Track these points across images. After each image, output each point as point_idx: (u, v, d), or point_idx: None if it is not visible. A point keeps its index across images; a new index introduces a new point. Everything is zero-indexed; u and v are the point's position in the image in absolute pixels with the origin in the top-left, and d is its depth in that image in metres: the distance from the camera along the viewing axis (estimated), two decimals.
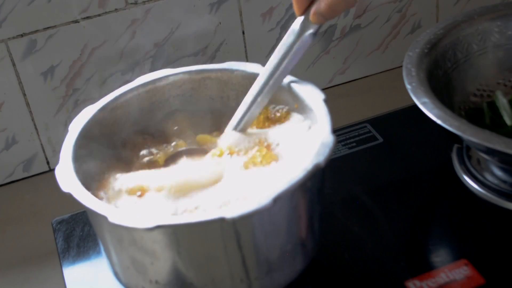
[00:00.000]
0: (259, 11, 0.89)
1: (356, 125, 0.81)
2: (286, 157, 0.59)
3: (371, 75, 1.00)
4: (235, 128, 0.62)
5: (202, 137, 0.64)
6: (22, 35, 0.80)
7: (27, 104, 0.84)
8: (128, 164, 0.62)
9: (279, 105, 0.64)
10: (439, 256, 0.64)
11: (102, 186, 0.59)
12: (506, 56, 0.76)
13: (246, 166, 0.58)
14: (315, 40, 0.59)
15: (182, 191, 0.56)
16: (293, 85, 0.63)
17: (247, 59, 0.92)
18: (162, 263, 0.53)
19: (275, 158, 0.59)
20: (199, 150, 0.63)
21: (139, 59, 0.86)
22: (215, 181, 0.57)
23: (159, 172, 0.60)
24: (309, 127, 0.60)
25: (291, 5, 0.89)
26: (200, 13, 0.86)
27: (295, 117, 0.63)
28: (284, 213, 0.54)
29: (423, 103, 0.64)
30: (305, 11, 0.59)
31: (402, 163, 0.76)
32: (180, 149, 0.63)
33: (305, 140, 0.59)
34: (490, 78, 0.76)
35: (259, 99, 0.61)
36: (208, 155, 0.61)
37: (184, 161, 0.61)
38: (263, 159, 0.58)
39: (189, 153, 0.62)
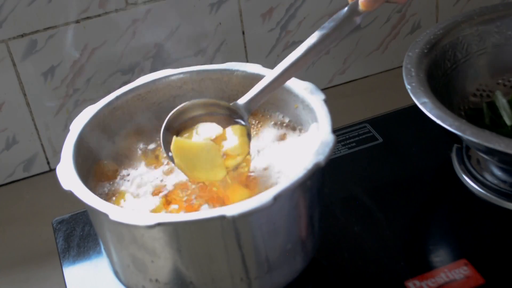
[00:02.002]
0: (259, 11, 0.90)
1: (356, 125, 0.81)
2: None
3: (371, 75, 1.01)
4: (251, 101, 0.60)
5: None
6: (22, 36, 0.80)
7: (28, 104, 0.84)
8: (128, 163, 0.62)
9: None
10: (439, 256, 0.64)
11: (102, 184, 0.59)
12: (505, 56, 0.76)
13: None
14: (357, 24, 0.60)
15: None
16: (293, 85, 0.63)
17: (247, 59, 0.92)
18: (162, 261, 0.54)
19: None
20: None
21: (139, 59, 0.86)
22: None
23: None
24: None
25: (291, 5, 0.90)
26: (200, 13, 0.86)
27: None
28: (284, 212, 0.54)
29: (423, 103, 0.64)
30: None
31: (402, 163, 0.76)
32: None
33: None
34: (490, 78, 0.76)
35: (286, 74, 0.60)
36: None
37: None
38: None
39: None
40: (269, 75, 0.60)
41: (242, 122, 0.60)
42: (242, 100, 0.61)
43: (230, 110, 0.60)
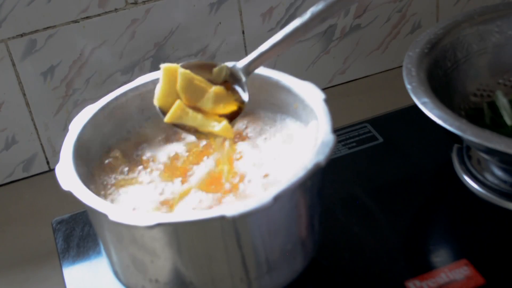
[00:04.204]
0: (259, 11, 0.89)
1: (356, 125, 0.81)
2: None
3: (371, 75, 1.00)
4: (250, 64, 0.60)
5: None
6: (22, 35, 0.80)
7: (27, 104, 0.84)
8: (128, 163, 0.62)
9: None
10: (439, 256, 0.64)
11: (102, 184, 0.59)
12: (506, 56, 0.76)
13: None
14: None
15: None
16: (293, 85, 0.63)
17: None
18: (162, 261, 0.53)
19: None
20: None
21: (139, 59, 0.86)
22: None
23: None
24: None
25: (291, 5, 0.90)
26: (200, 13, 0.86)
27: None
28: (284, 212, 0.54)
29: (423, 103, 0.64)
30: None
31: (402, 163, 0.75)
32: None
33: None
34: (490, 78, 0.76)
35: (288, 40, 0.59)
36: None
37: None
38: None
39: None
40: (271, 39, 0.60)
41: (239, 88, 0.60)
42: (241, 63, 0.61)
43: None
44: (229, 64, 0.61)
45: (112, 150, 0.62)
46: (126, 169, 0.61)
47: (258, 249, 0.54)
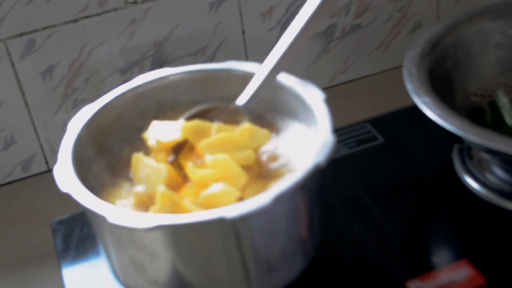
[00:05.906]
0: (259, 10, 0.89)
1: (356, 125, 0.81)
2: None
3: (371, 74, 1.00)
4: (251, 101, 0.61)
5: None
6: (21, 35, 0.80)
7: (26, 104, 0.83)
8: (128, 162, 0.62)
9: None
10: (440, 256, 0.64)
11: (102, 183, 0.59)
12: (507, 56, 0.76)
13: None
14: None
15: None
16: (293, 85, 0.62)
17: (247, 58, 0.91)
18: (161, 263, 0.53)
19: None
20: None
21: (138, 58, 0.86)
22: None
23: None
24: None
25: (291, 4, 0.90)
26: (199, 12, 0.86)
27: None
28: (285, 213, 0.54)
29: (424, 103, 0.64)
30: None
31: (403, 163, 0.75)
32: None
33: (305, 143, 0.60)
34: (491, 78, 0.76)
35: (279, 66, 0.60)
36: None
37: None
38: None
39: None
40: (262, 71, 0.60)
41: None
42: (241, 101, 0.60)
43: (232, 111, 0.61)
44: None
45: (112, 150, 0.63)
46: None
47: (258, 250, 0.54)
